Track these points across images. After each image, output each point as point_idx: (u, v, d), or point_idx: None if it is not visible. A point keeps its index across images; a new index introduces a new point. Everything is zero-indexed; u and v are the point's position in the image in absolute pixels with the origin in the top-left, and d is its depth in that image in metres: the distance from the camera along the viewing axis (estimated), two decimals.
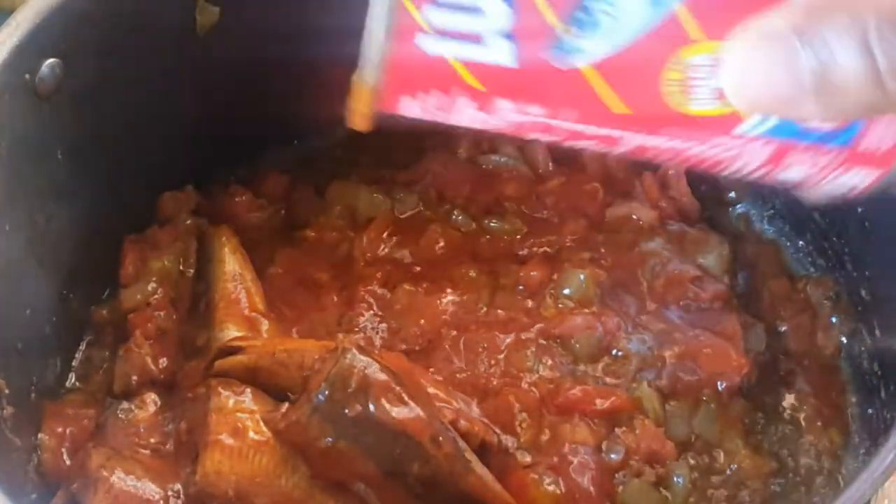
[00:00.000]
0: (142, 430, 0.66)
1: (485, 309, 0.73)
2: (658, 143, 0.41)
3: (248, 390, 0.63)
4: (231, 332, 0.69)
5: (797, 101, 0.36)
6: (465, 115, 0.40)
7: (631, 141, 0.41)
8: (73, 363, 0.73)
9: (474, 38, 0.38)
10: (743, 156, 0.41)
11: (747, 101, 0.37)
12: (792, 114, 0.37)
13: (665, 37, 0.37)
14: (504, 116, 0.40)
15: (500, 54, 0.38)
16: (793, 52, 0.35)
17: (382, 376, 0.58)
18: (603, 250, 0.76)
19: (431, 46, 0.38)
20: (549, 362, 0.70)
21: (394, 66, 0.39)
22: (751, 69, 0.37)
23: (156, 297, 0.72)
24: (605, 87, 0.39)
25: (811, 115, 0.37)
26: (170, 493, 0.61)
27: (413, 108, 0.40)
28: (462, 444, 0.61)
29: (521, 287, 0.74)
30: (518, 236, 0.77)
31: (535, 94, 0.39)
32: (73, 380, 0.72)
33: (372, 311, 0.73)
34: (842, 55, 0.35)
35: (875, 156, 0.41)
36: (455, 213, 0.78)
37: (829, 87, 0.35)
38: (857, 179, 0.42)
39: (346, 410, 0.58)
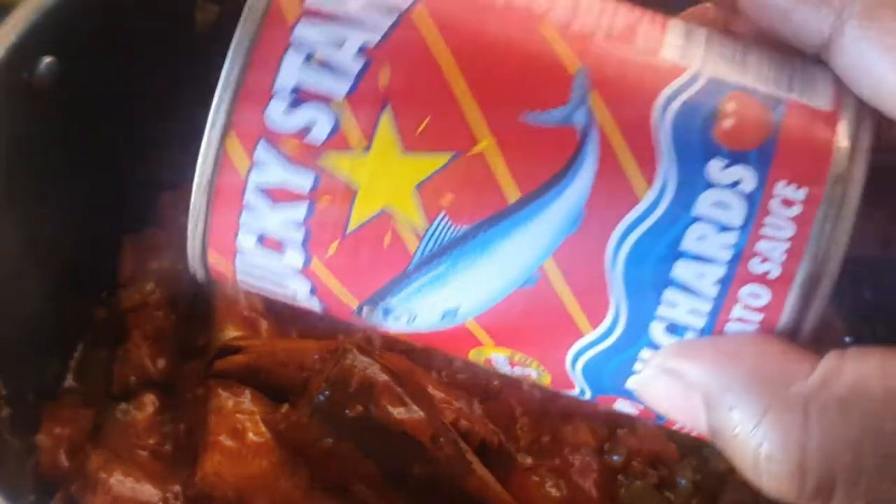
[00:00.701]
0: (140, 431, 0.66)
1: None
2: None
3: (248, 391, 0.63)
4: (230, 333, 0.68)
5: (690, 427, 0.34)
6: None
7: None
8: (71, 363, 0.72)
9: (285, 296, 0.38)
10: None
11: (645, 402, 0.36)
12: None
13: (461, 338, 0.37)
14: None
15: (311, 306, 0.38)
16: (691, 398, 0.33)
17: (383, 377, 0.58)
18: None
19: (249, 287, 0.38)
20: None
21: (221, 282, 0.39)
22: (652, 386, 0.34)
23: (154, 297, 0.72)
24: (416, 342, 0.38)
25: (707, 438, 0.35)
26: (169, 494, 0.61)
27: None
28: (463, 445, 0.60)
29: None
30: None
31: (347, 321, 0.39)
32: (70, 380, 0.72)
33: None
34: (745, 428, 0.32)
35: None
36: None
37: (724, 440, 0.33)
38: None
39: (347, 411, 0.58)
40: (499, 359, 0.37)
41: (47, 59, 0.63)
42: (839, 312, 0.37)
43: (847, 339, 0.71)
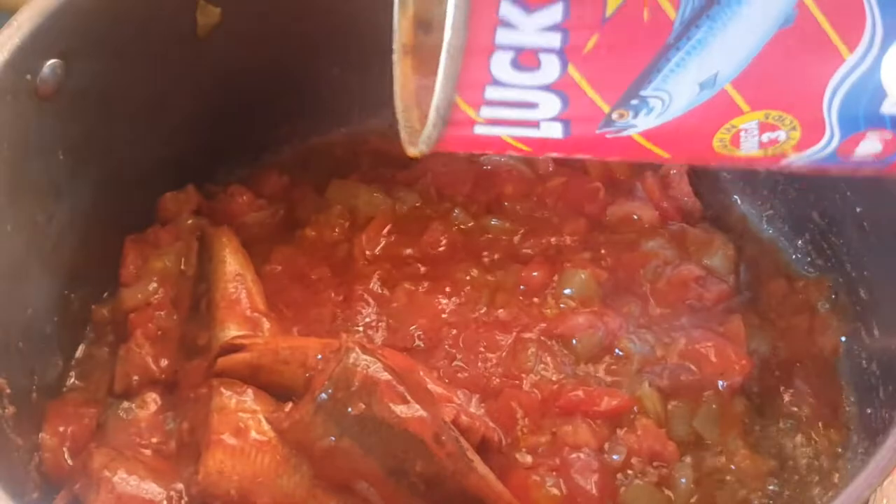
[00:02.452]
0: (143, 429, 0.66)
1: (485, 308, 0.73)
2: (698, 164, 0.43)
3: (250, 390, 0.63)
4: (232, 332, 0.69)
5: None
6: (515, 154, 0.42)
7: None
8: (74, 363, 0.72)
9: (529, 125, 0.39)
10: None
11: None
12: None
13: (716, 110, 0.39)
14: (551, 158, 0.42)
15: (553, 132, 0.39)
16: None
17: (385, 375, 0.58)
18: (604, 251, 0.76)
19: (487, 131, 0.40)
20: (551, 362, 0.70)
21: (448, 143, 0.40)
22: None
23: (156, 296, 0.72)
24: (655, 147, 0.41)
25: None
26: (172, 493, 0.61)
27: (467, 151, 0.42)
28: (464, 443, 0.61)
29: (522, 287, 0.74)
30: (518, 236, 0.77)
31: (584, 150, 0.42)
32: (73, 379, 0.72)
33: (371, 310, 0.73)
34: None
35: None
36: (455, 210, 0.78)
37: None
38: None
39: (350, 409, 0.58)
40: (750, 128, 0.40)
41: (51, 62, 0.64)
42: None
43: (842, 339, 0.73)
